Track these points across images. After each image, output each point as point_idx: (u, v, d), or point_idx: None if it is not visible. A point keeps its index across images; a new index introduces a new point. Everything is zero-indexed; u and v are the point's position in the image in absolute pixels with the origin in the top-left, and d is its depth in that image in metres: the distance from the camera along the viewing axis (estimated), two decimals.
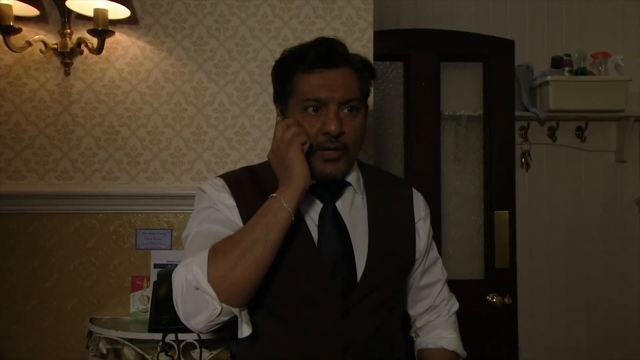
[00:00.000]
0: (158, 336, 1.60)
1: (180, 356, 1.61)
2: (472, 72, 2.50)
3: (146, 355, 1.66)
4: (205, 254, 1.01)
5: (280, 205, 1.04)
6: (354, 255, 1.15)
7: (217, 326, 1.03)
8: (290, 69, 1.16)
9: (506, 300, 2.34)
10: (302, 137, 1.10)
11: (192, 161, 1.86)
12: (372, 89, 1.26)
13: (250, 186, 1.18)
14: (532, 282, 2.77)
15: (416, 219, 1.27)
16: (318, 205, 1.18)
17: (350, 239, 1.16)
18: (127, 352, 1.67)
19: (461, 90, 2.52)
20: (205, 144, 1.86)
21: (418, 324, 1.36)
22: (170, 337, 1.60)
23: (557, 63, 2.62)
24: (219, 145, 1.86)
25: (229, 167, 1.86)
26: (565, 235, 2.81)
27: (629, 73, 2.65)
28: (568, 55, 2.64)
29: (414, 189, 1.32)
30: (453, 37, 2.46)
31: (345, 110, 1.14)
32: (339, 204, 1.20)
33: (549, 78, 2.56)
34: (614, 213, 2.83)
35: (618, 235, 2.82)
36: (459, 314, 1.38)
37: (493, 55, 2.43)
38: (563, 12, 2.81)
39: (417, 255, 1.26)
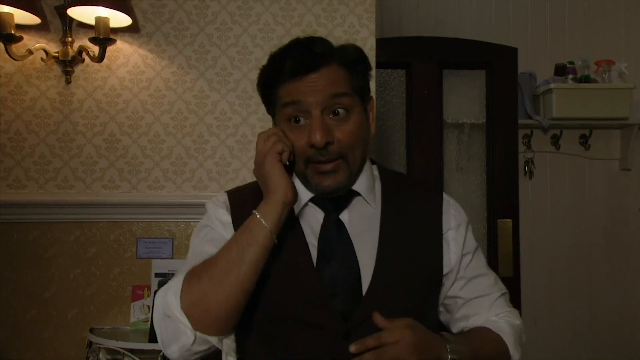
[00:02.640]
0: (159, 346, 1.58)
1: None
2: (474, 79, 2.50)
3: None
4: (180, 280, 0.95)
5: (257, 223, 0.96)
6: (359, 270, 1.03)
7: (197, 356, 0.96)
8: (271, 81, 1.07)
9: None
10: (279, 146, 0.99)
11: (194, 170, 1.85)
12: (370, 82, 1.13)
13: (252, 202, 1.05)
14: (536, 290, 2.75)
15: (444, 229, 1.11)
16: (322, 218, 1.08)
17: (355, 252, 1.05)
18: None
19: (464, 98, 2.51)
20: (206, 152, 1.85)
21: None
22: None
23: (561, 71, 2.61)
24: (221, 154, 1.85)
25: (230, 176, 1.85)
26: (569, 244, 2.79)
27: (632, 81, 2.64)
28: (571, 62, 2.63)
29: (446, 197, 1.16)
30: (455, 44, 2.45)
31: (332, 115, 1.02)
32: (344, 216, 1.08)
33: (552, 86, 2.55)
34: (618, 221, 2.81)
35: (622, 244, 2.80)
36: None
37: (496, 62, 2.42)
38: (566, 19, 2.81)
39: (446, 269, 1.10)
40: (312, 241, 1.05)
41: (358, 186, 1.09)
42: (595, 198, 2.80)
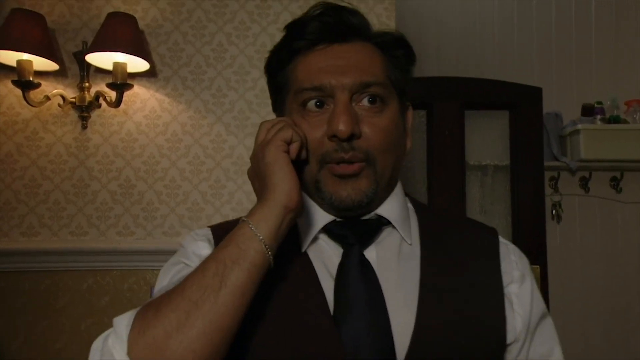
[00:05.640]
0: None
1: None
2: (498, 120, 2.44)
3: None
4: (130, 316, 0.69)
5: (247, 232, 0.70)
6: (391, 330, 0.74)
7: None
8: (286, 52, 0.83)
9: None
10: (287, 132, 0.74)
11: (210, 215, 1.80)
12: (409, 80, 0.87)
13: None
14: (568, 341, 2.57)
15: (505, 282, 0.83)
16: (339, 255, 0.81)
17: (385, 304, 0.75)
18: None
19: (487, 139, 2.45)
20: (223, 197, 1.81)
21: None
22: None
23: (588, 111, 2.54)
24: (237, 199, 1.80)
25: None
26: (601, 292, 2.65)
27: None
28: (599, 102, 2.55)
29: (502, 240, 0.89)
30: (477, 84, 2.40)
31: (365, 102, 0.78)
32: (371, 253, 0.80)
33: (579, 126, 2.48)
34: None
35: None
36: None
37: (520, 103, 2.36)
38: (592, 57, 2.74)
39: (511, 336, 0.81)
40: (329, 285, 0.77)
41: (387, 211, 0.82)
42: (629, 243, 2.67)
